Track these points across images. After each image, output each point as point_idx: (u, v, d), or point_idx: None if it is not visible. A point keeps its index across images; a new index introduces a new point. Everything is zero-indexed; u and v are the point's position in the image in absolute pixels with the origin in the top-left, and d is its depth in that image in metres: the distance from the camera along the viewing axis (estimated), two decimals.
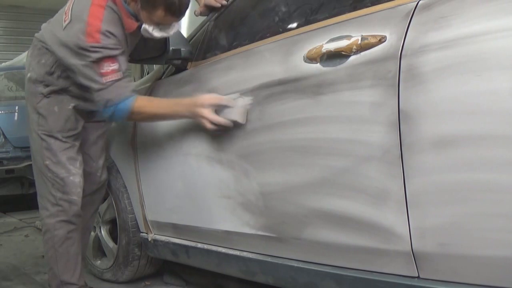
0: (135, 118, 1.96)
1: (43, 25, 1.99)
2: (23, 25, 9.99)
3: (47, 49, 1.91)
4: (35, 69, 1.94)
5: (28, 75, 1.97)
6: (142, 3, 1.77)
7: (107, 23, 1.78)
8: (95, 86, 1.80)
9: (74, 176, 1.96)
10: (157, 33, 1.81)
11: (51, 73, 1.92)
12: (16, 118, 4.82)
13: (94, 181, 2.13)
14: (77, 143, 2.00)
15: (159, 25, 1.80)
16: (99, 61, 1.77)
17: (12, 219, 4.35)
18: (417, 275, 1.29)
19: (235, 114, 1.68)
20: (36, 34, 1.99)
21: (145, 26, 1.81)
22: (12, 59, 7.10)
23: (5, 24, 10.31)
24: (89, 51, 1.76)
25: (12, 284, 2.55)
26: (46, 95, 1.93)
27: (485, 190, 1.14)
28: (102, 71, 1.77)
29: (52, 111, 1.94)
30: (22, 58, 6.66)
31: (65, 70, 1.90)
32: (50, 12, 2.07)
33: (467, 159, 1.16)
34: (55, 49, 1.87)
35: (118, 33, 1.81)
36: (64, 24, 1.83)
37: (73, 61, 1.81)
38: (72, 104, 1.96)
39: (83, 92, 1.92)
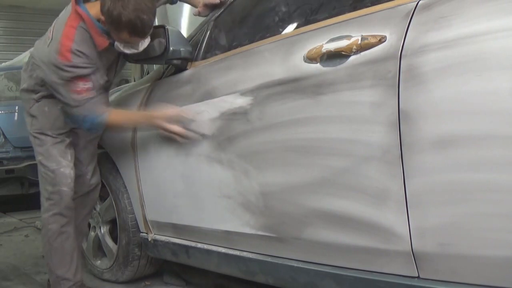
0: (109, 129, 2.14)
1: (36, 42, 2.09)
2: (23, 25, 9.99)
3: (37, 65, 2.01)
4: (27, 81, 2.08)
5: (22, 86, 2.12)
6: (108, 25, 1.85)
7: (78, 43, 1.89)
8: (71, 103, 1.94)
9: (65, 168, 2.05)
10: (127, 50, 1.93)
11: (42, 85, 2.03)
12: (16, 118, 4.81)
13: (84, 184, 2.20)
14: (68, 139, 2.09)
15: (127, 43, 1.90)
16: (72, 80, 1.90)
17: (12, 219, 4.35)
18: (417, 275, 1.29)
19: (201, 127, 1.84)
20: (30, 50, 2.08)
21: (116, 43, 1.91)
22: (12, 59, 7.10)
23: (5, 24, 10.31)
24: (61, 69, 1.89)
25: (12, 284, 2.55)
26: (37, 100, 2.06)
27: (485, 190, 1.14)
28: (76, 89, 1.91)
29: (43, 111, 2.05)
30: (22, 58, 6.64)
31: None
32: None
33: (467, 159, 1.16)
34: (41, 66, 1.98)
35: (90, 52, 1.92)
36: (48, 43, 1.94)
37: (52, 78, 1.94)
38: (61, 105, 2.03)
39: None
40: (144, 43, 1.91)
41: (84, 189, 2.20)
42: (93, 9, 1.91)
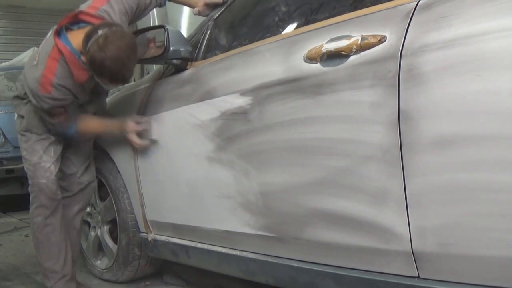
0: (81, 137, 2.21)
1: (29, 52, 2.14)
2: (23, 25, 9.97)
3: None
4: (19, 89, 2.16)
5: (15, 94, 2.21)
6: (90, 67, 1.87)
7: (60, 77, 1.94)
8: (47, 120, 2.06)
9: (45, 162, 2.11)
10: (107, 87, 2.09)
11: None
12: (16, 118, 4.81)
13: (74, 182, 2.25)
14: (54, 137, 2.14)
15: (106, 84, 1.99)
16: (49, 109, 1.99)
17: (12, 219, 4.36)
18: (417, 275, 1.29)
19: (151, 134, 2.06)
20: (30, 50, 2.13)
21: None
22: (12, 59, 7.09)
23: (5, 24, 10.29)
24: (41, 99, 1.97)
25: (12, 284, 2.55)
26: (26, 103, 2.13)
27: (485, 190, 1.14)
28: (53, 113, 2.02)
29: (30, 111, 2.12)
30: (22, 58, 6.62)
31: None
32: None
33: (467, 159, 1.16)
34: (25, 83, 2.05)
35: (70, 85, 1.97)
36: (33, 64, 1.99)
37: (32, 99, 2.02)
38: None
39: None
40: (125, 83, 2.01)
41: (75, 187, 2.25)
42: (76, 39, 1.91)
